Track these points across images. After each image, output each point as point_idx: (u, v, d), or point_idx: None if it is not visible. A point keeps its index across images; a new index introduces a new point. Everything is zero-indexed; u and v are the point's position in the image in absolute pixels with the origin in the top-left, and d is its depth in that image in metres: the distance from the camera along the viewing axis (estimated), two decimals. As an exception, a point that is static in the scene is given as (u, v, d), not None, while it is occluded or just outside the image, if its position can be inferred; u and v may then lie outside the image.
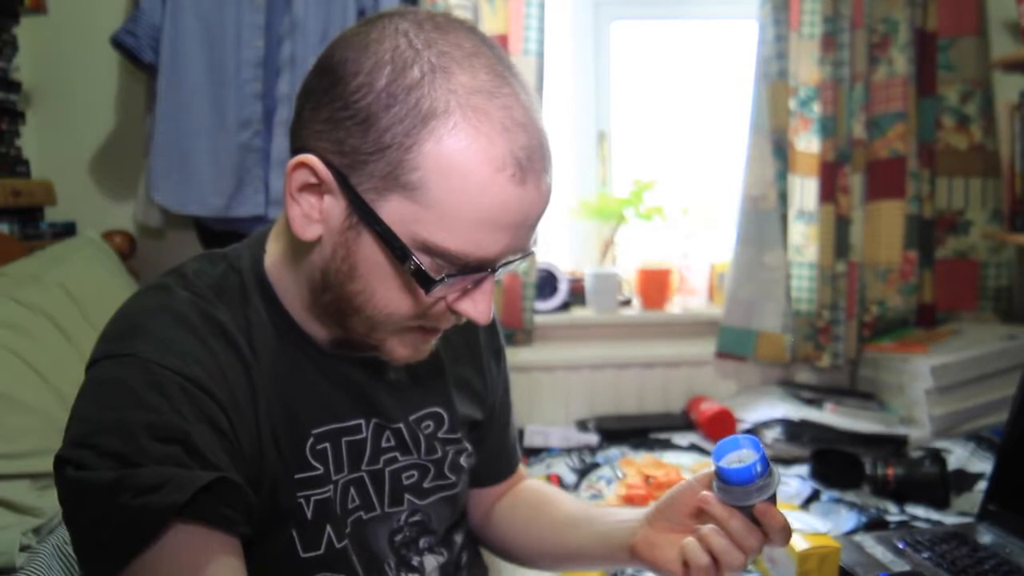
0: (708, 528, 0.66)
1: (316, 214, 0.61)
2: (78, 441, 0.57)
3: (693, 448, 1.62)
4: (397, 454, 0.75)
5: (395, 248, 0.57)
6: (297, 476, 0.67)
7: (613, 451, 1.61)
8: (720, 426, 1.65)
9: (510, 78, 0.58)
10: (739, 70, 1.94)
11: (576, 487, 1.43)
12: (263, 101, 1.64)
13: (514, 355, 0.95)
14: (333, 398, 0.71)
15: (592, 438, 1.68)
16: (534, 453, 1.63)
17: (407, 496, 0.77)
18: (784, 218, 1.84)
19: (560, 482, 1.46)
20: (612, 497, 1.33)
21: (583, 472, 1.49)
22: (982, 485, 1.32)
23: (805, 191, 1.82)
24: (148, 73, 1.65)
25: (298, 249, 0.65)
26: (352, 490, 0.72)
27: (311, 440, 0.69)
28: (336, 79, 0.57)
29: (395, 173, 0.56)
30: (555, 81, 1.91)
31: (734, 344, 1.87)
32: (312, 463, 0.69)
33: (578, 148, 2.01)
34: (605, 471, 1.46)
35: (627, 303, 1.98)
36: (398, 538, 0.76)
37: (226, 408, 0.61)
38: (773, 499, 0.64)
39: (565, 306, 1.93)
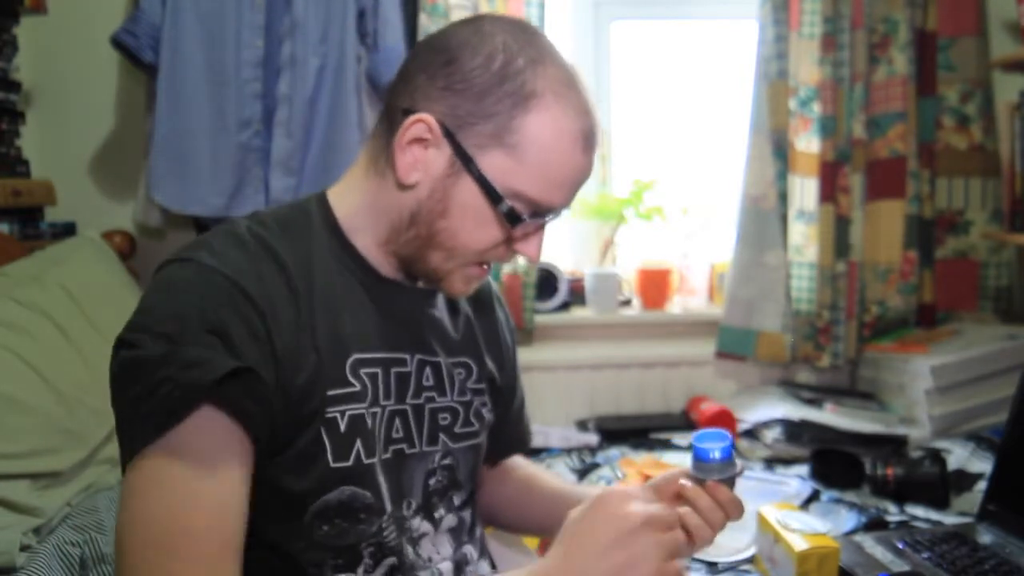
0: (684, 509, 0.77)
1: (420, 163, 0.74)
2: (135, 326, 0.67)
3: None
4: (435, 393, 0.82)
5: (490, 192, 0.72)
6: (331, 392, 0.73)
7: (613, 451, 1.61)
8: (720, 426, 1.65)
9: (577, 72, 0.76)
10: (739, 70, 1.94)
11: (576, 487, 1.43)
12: (263, 101, 1.64)
13: (514, 355, 0.98)
14: (383, 327, 0.78)
15: (592, 438, 1.68)
16: (534, 453, 1.63)
17: (442, 436, 0.83)
18: (784, 218, 1.84)
19: (560, 482, 1.46)
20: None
21: (583, 472, 1.49)
22: (982, 485, 1.31)
23: (805, 191, 1.82)
24: (148, 73, 1.65)
25: (384, 194, 0.77)
26: (397, 420, 0.78)
27: (352, 359, 0.75)
28: (454, 59, 0.72)
29: (500, 134, 0.71)
30: (555, 81, 1.90)
31: (734, 344, 1.88)
32: (350, 380, 0.74)
33: (578, 148, 2.00)
34: (605, 471, 1.46)
35: (627, 303, 1.98)
36: (432, 481, 0.82)
37: (265, 315, 0.69)
38: (731, 484, 0.79)
39: (565, 306, 1.93)
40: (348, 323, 0.75)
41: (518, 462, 1.05)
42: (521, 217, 0.74)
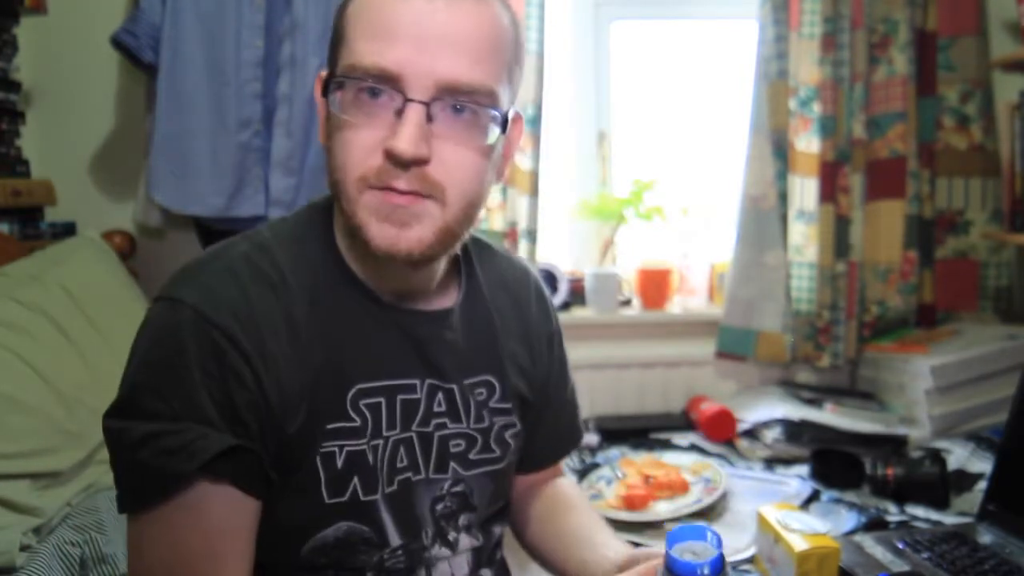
0: None
1: (322, 119, 0.71)
2: (120, 403, 0.66)
3: (693, 448, 1.62)
4: (447, 420, 0.78)
5: (326, 87, 0.68)
6: (330, 426, 0.70)
7: (613, 451, 1.61)
8: (720, 426, 1.65)
9: None
10: (739, 70, 1.94)
11: (576, 487, 1.43)
12: (263, 101, 1.64)
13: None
14: (389, 354, 0.74)
15: (592, 438, 1.68)
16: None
17: (452, 464, 0.78)
18: (784, 218, 1.84)
19: (560, 482, 1.46)
20: (612, 497, 1.33)
21: (583, 472, 1.49)
22: (982, 485, 1.31)
23: (805, 191, 1.82)
24: (148, 73, 1.65)
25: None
26: (402, 449, 0.74)
27: (353, 392, 0.71)
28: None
29: (338, 47, 0.68)
30: (555, 81, 1.91)
31: (734, 344, 1.87)
32: (350, 414, 0.71)
33: (578, 148, 2.01)
34: (605, 471, 1.46)
35: (627, 303, 1.98)
36: (439, 507, 0.78)
37: (251, 359, 0.65)
38: None
39: (565, 306, 1.93)
40: (351, 351, 0.71)
41: (560, 484, 0.97)
42: (340, 81, 0.65)
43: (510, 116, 0.70)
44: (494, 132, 0.67)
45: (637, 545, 1.19)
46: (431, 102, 0.64)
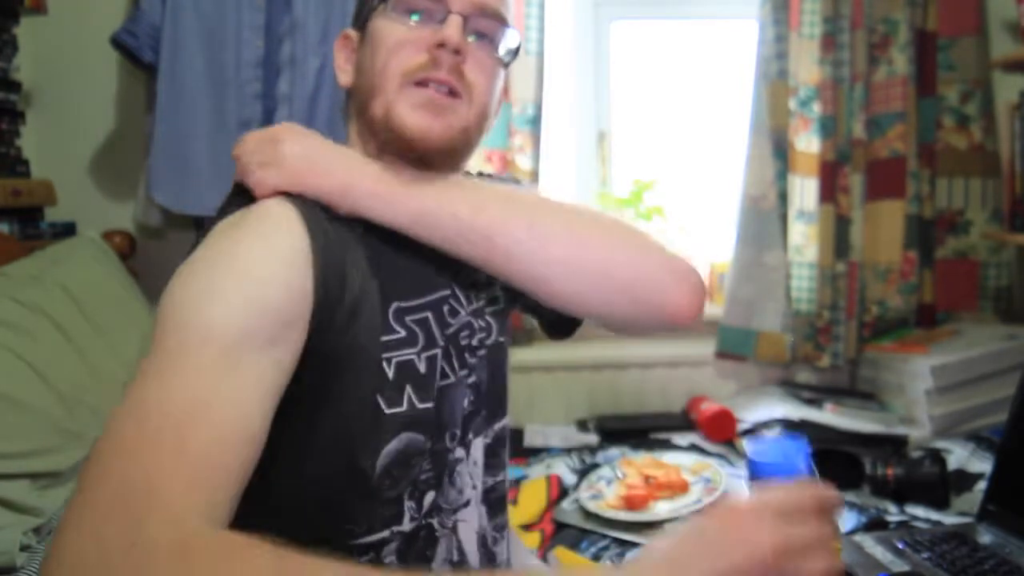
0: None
1: (349, 64, 0.80)
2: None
3: (693, 448, 1.62)
4: (461, 312, 0.80)
5: (380, 7, 0.76)
6: (383, 338, 0.71)
7: (613, 451, 1.61)
8: (720, 426, 1.65)
9: None
10: (739, 70, 1.94)
11: (576, 487, 1.43)
12: (263, 101, 1.64)
13: (514, 355, 0.95)
14: (422, 270, 0.76)
15: (592, 438, 1.68)
16: (534, 453, 1.63)
17: (465, 356, 0.81)
18: (784, 218, 1.84)
19: (560, 482, 1.46)
20: (612, 497, 1.33)
21: (583, 472, 1.49)
22: (982, 485, 1.31)
23: (805, 191, 1.82)
24: (148, 73, 1.65)
25: (351, 116, 0.80)
26: (441, 361, 0.77)
27: (395, 306, 0.73)
28: None
29: None
30: (555, 81, 1.91)
31: (734, 344, 1.87)
32: (394, 327, 0.73)
33: (578, 148, 2.01)
34: (605, 471, 1.46)
35: (627, 303, 1.97)
36: (465, 404, 0.80)
37: (320, 254, 0.67)
38: None
39: (565, 306, 1.93)
40: (388, 268, 0.74)
41: None
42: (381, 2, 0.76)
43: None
44: (508, 55, 0.80)
45: (636, 546, 1.20)
46: (468, 17, 0.75)
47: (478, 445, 0.82)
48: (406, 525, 0.75)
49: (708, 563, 0.47)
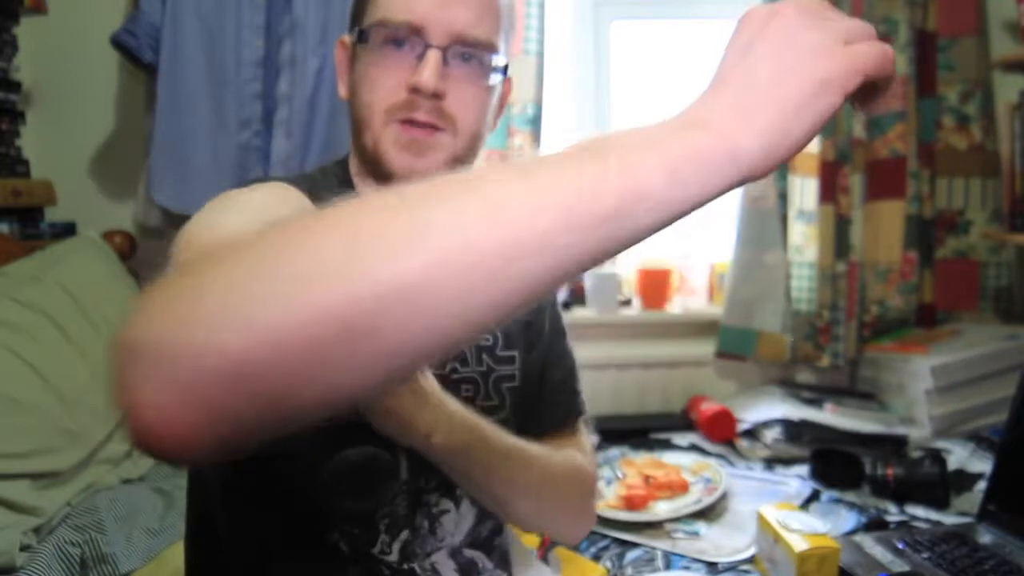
0: None
1: (345, 77, 0.79)
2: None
3: (693, 448, 1.62)
4: (458, 364, 0.80)
5: (358, 40, 0.75)
6: None
7: (613, 451, 1.61)
8: (720, 426, 1.65)
9: None
10: (739, 70, 1.94)
11: (576, 487, 1.43)
12: (263, 101, 1.64)
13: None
14: None
15: (592, 438, 1.68)
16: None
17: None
18: (784, 218, 1.84)
19: (560, 482, 1.46)
20: (612, 497, 1.33)
21: (583, 472, 1.49)
22: (982, 485, 1.31)
23: (805, 191, 1.82)
24: (148, 73, 1.65)
25: (349, 119, 0.79)
26: None
27: None
28: None
29: (363, 6, 0.76)
30: (555, 81, 1.90)
31: (734, 344, 1.87)
32: None
33: (578, 148, 2.00)
34: (605, 471, 1.46)
35: (627, 303, 1.98)
36: None
37: None
38: None
39: (565, 306, 1.93)
40: None
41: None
42: (367, 34, 0.74)
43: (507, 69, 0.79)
44: (495, 76, 0.77)
45: (636, 546, 1.20)
46: (447, 48, 0.73)
47: (465, 500, 0.80)
48: (380, 554, 0.74)
49: (757, 37, 0.43)
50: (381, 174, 0.76)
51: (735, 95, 0.42)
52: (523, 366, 0.86)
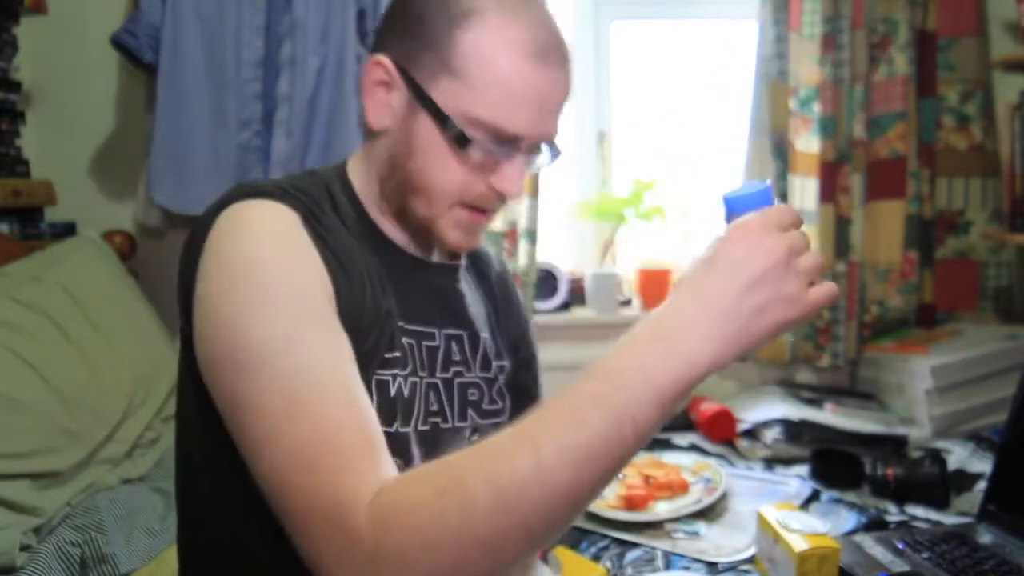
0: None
1: (385, 107, 0.74)
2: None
3: (693, 448, 1.62)
4: (463, 368, 0.82)
5: (441, 119, 0.70)
6: (387, 355, 0.72)
7: (613, 451, 1.61)
8: (720, 426, 1.65)
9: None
10: (739, 70, 1.94)
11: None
12: (263, 101, 1.64)
13: (514, 355, 0.96)
14: (409, 301, 0.77)
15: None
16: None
17: (470, 412, 0.82)
18: (784, 218, 1.84)
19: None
20: (612, 497, 1.33)
21: (583, 472, 1.49)
22: (982, 485, 1.31)
23: (805, 191, 1.82)
24: (148, 73, 1.65)
25: (371, 148, 0.77)
26: (432, 394, 0.78)
27: (398, 326, 0.75)
28: (407, 2, 0.74)
29: (443, 59, 0.70)
30: (555, 81, 1.90)
31: (734, 344, 1.87)
32: (398, 344, 0.74)
33: (578, 148, 2.00)
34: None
35: (627, 303, 1.98)
36: None
37: (338, 252, 0.70)
38: None
39: (565, 306, 1.93)
40: (389, 290, 0.75)
41: None
42: (469, 139, 0.70)
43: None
44: (544, 163, 0.80)
45: (636, 546, 1.20)
46: (532, 150, 0.75)
47: None
48: None
49: (743, 275, 0.55)
50: (417, 229, 0.78)
51: (721, 324, 0.54)
52: (514, 367, 0.90)
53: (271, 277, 0.63)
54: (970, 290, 1.89)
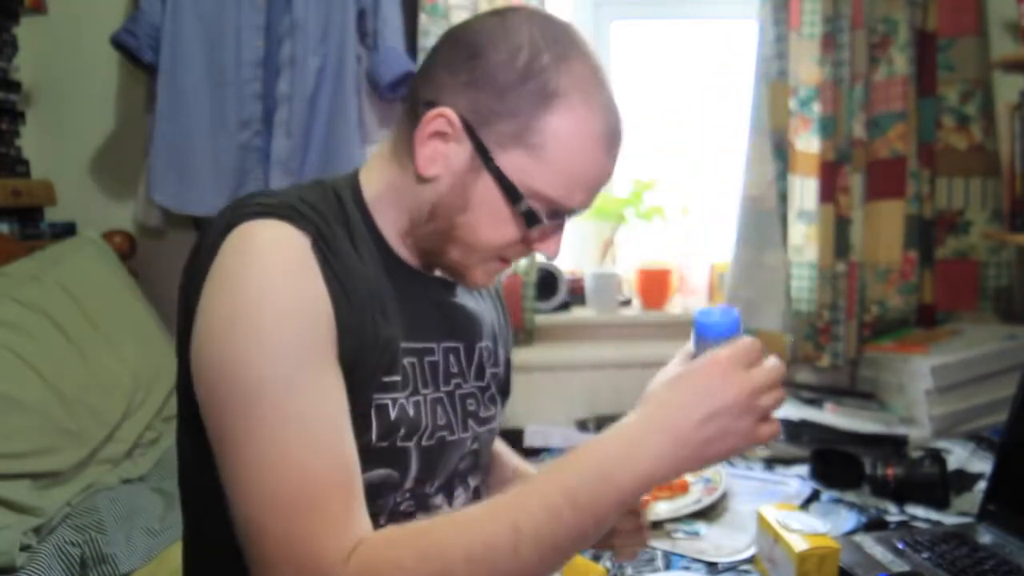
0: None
1: (440, 157, 0.73)
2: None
3: (693, 448, 1.62)
4: (460, 380, 0.83)
5: (509, 191, 0.71)
6: (385, 379, 0.73)
7: (613, 451, 1.61)
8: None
9: (603, 69, 0.74)
10: (739, 70, 1.94)
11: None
12: (263, 101, 1.64)
13: (514, 355, 0.97)
14: (418, 318, 0.78)
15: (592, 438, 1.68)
16: (534, 453, 1.63)
17: (470, 422, 0.83)
18: (784, 218, 1.84)
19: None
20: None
21: (583, 472, 1.49)
22: (982, 485, 1.31)
23: (805, 191, 1.82)
24: (148, 73, 1.65)
25: (405, 184, 0.76)
26: (439, 408, 0.79)
27: (401, 347, 0.75)
28: (479, 53, 0.71)
29: (521, 133, 0.70)
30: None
31: (734, 344, 1.87)
32: (398, 367, 0.75)
33: (578, 148, 2.00)
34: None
35: (627, 303, 1.98)
36: (461, 465, 0.83)
37: (341, 277, 0.69)
38: None
39: (565, 306, 1.93)
40: (392, 309, 0.75)
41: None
42: (540, 219, 0.73)
43: None
44: None
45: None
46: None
47: (461, 499, 0.84)
48: None
49: (704, 407, 0.63)
50: (443, 269, 0.80)
51: (676, 447, 0.63)
52: (503, 372, 0.92)
53: (275, 314, 0.63)
54: (970, 290, 1.89)
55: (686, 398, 0.64)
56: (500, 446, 1.03)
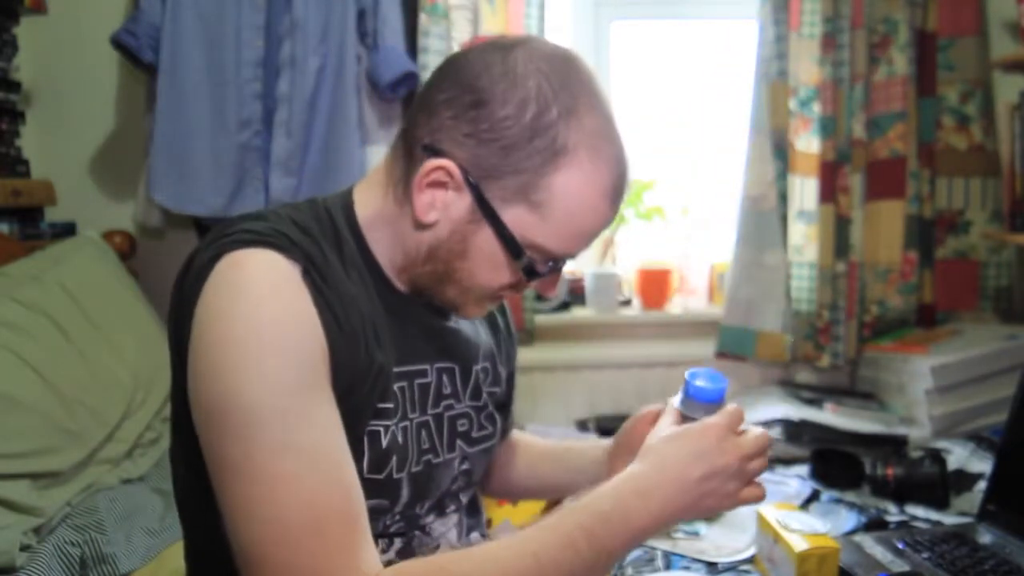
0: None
1: (439, 204, 0.71)
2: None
3: (693, 448, 1.62)
4: (453, 400, 0.82)
5: (510, 244, 0.71)
6: (379, 405, 0.73)
7: (613, 451, 1.61)
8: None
9: (612, 115, 0.72)
10: (739, 70, 1.94)
11: (576, 487, 1.43)
12: (263, 101, 1.64)
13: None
14: (410, 341, 0.78)
15: (592, 438, 1.68)
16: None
17: (459, 442, 0.82)
18: (784, 218, 1.84)
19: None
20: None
21: (583, 472, 1.49)
22: (982, 485, 1.31)
23: (805, 191, 1.82)
24: (148, 73, 1.65)
25: (402, 224, 0.74)
26: (423, 432, 0.78)
27: (394, 372, 0.75)
28: (482, 102, 0.68)
29: (525, 190, 0.69)
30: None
31: (734, 344, 1.87)
32: (392, 393, 0.75)
33: (578, 148, 2.00)
34: (605, 471, 1.46)
35: (627, 303, 1.98)
36: (453, 487, 0.83)
37: (335, 306, 0.68)
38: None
39: (565, 306, 1.93)
40: (383, 334, 0.74)
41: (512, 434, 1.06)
42: (538, 271, 0.73)
43: None
44: None
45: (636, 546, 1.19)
46: None
47: (453, 518, 0.84)
48: None
49: (703, 465, 0.70)
50: (438, 303, 0.78)
51: (678, 495, 0.70)
52: (503, 389, 0.92)
53: (268, 343, 0.62)
54: (970, 290, 1.89)
55: (688, 456, 0.70)
56: (519, 434, 1.06)
